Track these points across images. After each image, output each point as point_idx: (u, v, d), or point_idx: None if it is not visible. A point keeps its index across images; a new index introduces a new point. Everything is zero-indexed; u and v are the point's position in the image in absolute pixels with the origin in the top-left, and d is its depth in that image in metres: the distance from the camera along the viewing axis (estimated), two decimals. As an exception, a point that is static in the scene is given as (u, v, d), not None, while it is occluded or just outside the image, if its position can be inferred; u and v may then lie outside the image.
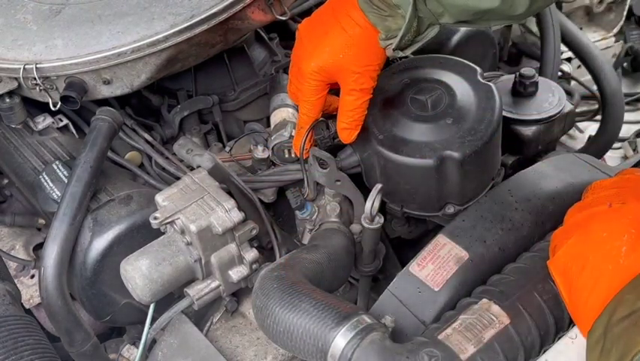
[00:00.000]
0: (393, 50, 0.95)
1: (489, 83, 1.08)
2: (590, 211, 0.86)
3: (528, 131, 1.17)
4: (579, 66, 1.83)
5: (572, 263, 0.81)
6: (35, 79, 1.07)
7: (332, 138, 1.09)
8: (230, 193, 1.04)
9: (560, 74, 1.76)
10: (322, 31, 0.99)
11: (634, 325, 0.71)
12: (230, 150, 1.22)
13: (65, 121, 1.23)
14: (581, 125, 1.91)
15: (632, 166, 1.35)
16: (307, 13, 1.39)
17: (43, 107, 1.19)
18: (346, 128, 1.03)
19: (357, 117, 1.02)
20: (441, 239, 0.99)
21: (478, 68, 1.11)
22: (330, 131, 1.08)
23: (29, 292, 1.26)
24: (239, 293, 1.10)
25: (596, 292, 0.77)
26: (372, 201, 0.98)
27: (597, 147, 1.71)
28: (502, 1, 0.86)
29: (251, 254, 1.03)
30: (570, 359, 0.83)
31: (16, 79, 1.09)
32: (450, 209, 1.06)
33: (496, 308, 0.86)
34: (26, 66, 1.07)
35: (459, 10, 0.90)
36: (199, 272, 1.02)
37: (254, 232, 1.02)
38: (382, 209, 1.06)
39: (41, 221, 1.30)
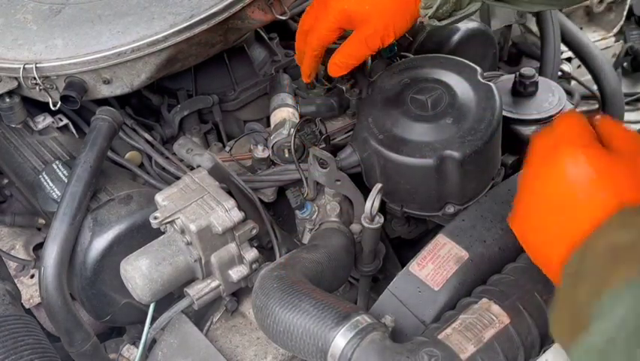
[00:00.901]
0: (429, 17, 0.97)
1: (489, 82, 1.08)
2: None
3: (528, 131, 1.17)
4: (579, 66, 1.83)
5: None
6: (35, 79, 1.07)
7: (323, 136, 1.11)
8: (230, 193, 1.04)
9: (560, 74, 1.76)
10: None
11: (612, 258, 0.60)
12: (230, 150, 1.22)
13: (65, 121, 1.22)
14: (581, 125, 1.90)
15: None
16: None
17: (43, 107, 1.19)
18: (336, 64, 1.05)
19: (350, 62, 1.05)
20: (441, 239, 0.99)
21: (478, 68, 1.10)
22: (318, 128, 1.10)
23: (29, 292, 1.26)
24: (239, 293, 1.10)
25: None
26: (372, 201, 0.98)
27: (597, 147, 1.70)
28: None
29: (251, 254, 1.03)
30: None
31: (16, 79, 1.09)
32: (450, 209, 1.05)
33: (496, 308, 0.86)
34: (26, 66, 1.06)
35: None
36: (199, 272, 1.01)
37: (254, 232, 1.02)
38: (382, 209, 1.06)
39: (41, 221, 1.30)
